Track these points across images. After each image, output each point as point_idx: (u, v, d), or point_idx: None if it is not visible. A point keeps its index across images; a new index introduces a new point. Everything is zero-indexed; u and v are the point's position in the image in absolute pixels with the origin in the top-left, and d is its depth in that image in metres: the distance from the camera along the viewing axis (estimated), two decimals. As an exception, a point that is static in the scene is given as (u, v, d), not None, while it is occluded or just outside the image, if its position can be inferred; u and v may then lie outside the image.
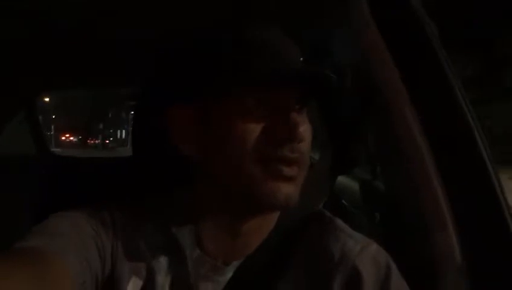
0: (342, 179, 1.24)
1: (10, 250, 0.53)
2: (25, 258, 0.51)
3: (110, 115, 36.42)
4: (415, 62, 0.67)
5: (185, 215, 0.64)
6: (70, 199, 0.66)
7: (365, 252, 0.62)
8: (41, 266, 0.51)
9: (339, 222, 0.67)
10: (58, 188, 1.42)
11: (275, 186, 0.56)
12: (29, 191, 1.40)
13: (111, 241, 0.62)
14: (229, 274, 0.62)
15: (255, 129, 0.57)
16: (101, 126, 37.93)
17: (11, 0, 0.78)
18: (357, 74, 0.78)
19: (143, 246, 0.62)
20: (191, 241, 0.62)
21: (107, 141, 36.42)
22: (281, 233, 0.65)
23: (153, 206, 0.66)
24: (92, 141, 37.26)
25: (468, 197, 0.64)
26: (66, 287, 0.52)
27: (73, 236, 0.58)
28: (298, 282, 0.62)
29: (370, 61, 0.70)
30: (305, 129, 0.57)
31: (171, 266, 0.62)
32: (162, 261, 0.62)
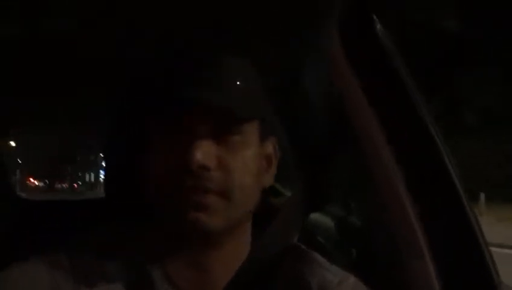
0: (315, 216, 1.23)
1: None
2: None
3: (78, 158, 35.72)
4: (385, 95, 0.69)
5: (152, 250, 0.62)
6: (37, 243, 0.63)
7: (344, 285, 0.62)
8: None
9: (316, 255, 0.66)
10: (24, 232, 1.36)
11: (182, 212, 0.56)
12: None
13: (73, 288, 0.58)
14: None
15: (165, 156, 0.57)
16: (69, 169, 37.08)
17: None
18: (326, 104, 0.79)
19: (109, 287, 0.60)
20: (159, 277, 0.60)
21: (76, 185, 35.54)
22: (254, 267, 0.64)
23: (120, 241, 0.64)
24: (60, 185, 36.28)
25: (443, 228, 0.65)
26: None
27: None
28: None
29: (339, 91, 0.71)
30: (209, 158, 0.55)
31: None
32: None
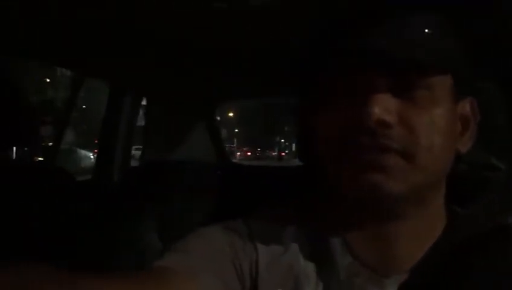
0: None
1: (146, 270, 0.55)
2: (157, 278, 0.52)
3: (286, 129, 38.13)
4: None
5: (333, 221, 0.60)
6: (240, 207, 0.68)
7: None
8: (171, 285, 0.52)
9: None
10: (232, 195, 1.51)
11: (358, 174, 0.52)
12: (204, 196, 1.51)
13: (250, 258, 0.60)
14: (390, 288, 0.55)
15: (341, 115, 0.54)
16: (277, 139, 39.95)
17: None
18: None
19: (287, 255, 0.59)
20: (341, 249, 0.58)
21: (283, 154, 38.14)
22: (451, 248, 0.56)
23: (298, 212, 0.64)
24: (269, 153, 39.45)
25: None
26: None
27: (208, 256, 0.58)
28: None
29: None
30: (389, 113, 0.50)
31: (320, 275, 0.57)
32: (310, 270, 0.58)
